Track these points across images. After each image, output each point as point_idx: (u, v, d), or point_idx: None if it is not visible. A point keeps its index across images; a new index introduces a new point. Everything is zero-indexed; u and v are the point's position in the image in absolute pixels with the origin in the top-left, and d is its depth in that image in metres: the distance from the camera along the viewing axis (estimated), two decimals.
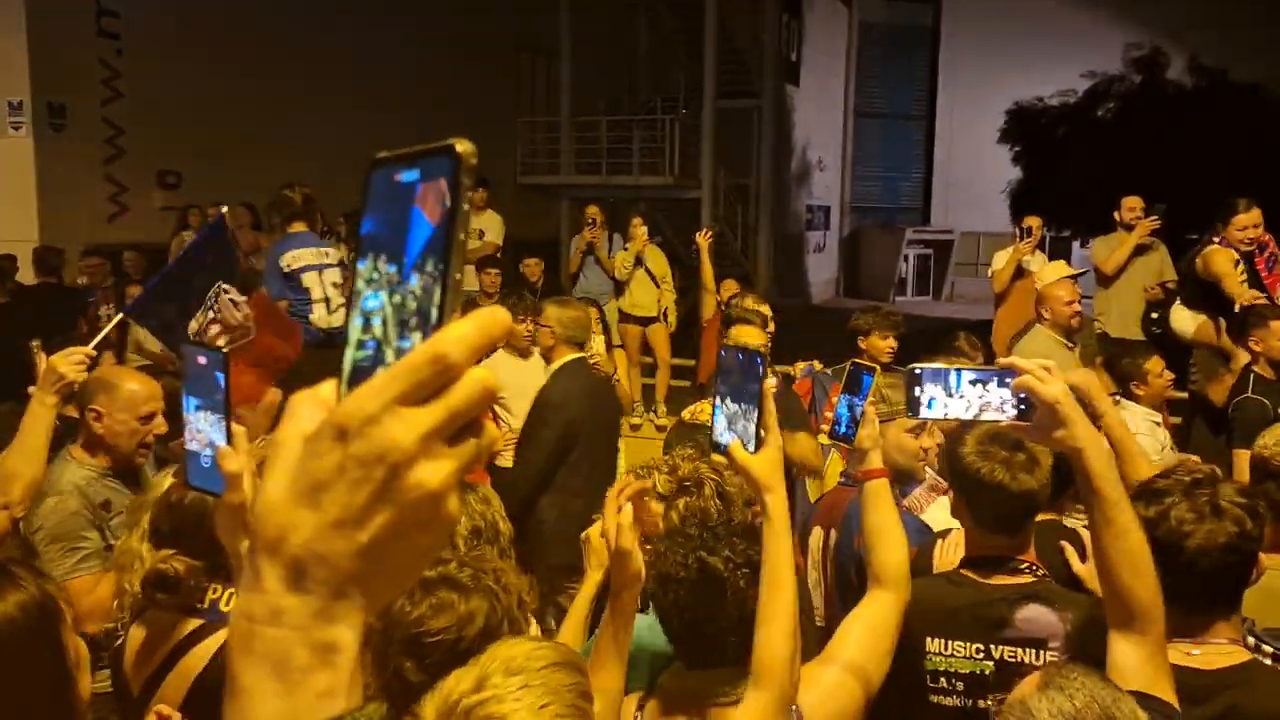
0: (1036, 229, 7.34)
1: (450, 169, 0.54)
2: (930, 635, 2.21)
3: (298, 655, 0.53)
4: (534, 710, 1.29)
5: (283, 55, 12.53)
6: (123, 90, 11.27)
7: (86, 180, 11.07)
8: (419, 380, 0.52)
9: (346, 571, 0.53)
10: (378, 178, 0.57)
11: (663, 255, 9.23)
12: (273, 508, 0.53)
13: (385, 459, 0.51)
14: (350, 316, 0.56)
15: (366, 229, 0.57)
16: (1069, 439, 1.60)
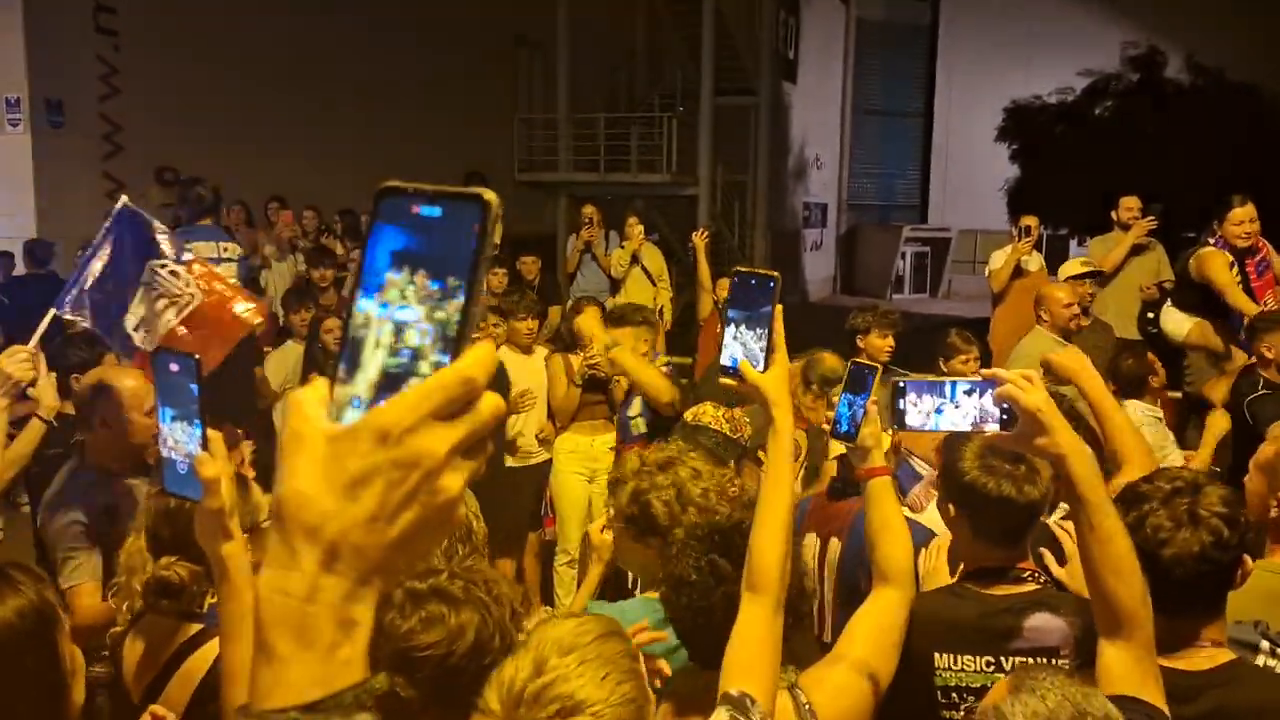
0: (1035, 228, 7.35)
1: (480, 215, 0.61)
2: (938, 651, 2.16)
3: (327, 629, 0.60)
4: (597, 683, 1.35)
5: (280, 52, 12.52)
6: (120, 87, 11.27)
7: (84, 177, 11.06)
8: (451, 399, 0.60)
9: (373, 560, 0.60)
10: (391, 205, 0.62)
11: (659, 253, 9.24)
12: (311, 497, 0.60)
13: (420, 465, 0.60)
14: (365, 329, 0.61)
15: (386, 252, 0.62)
16: (1051, 446, 1.64)
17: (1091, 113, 19.60)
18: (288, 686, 0.60)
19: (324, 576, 0.60)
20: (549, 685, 1.34)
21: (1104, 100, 19.62)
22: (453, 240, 0.61)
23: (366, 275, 0.62)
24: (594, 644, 1.41)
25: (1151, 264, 7.10)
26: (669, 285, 9.18)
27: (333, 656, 0.60)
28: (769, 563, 1.79)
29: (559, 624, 1.48)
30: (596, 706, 1.34)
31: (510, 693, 1.36)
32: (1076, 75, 19.88)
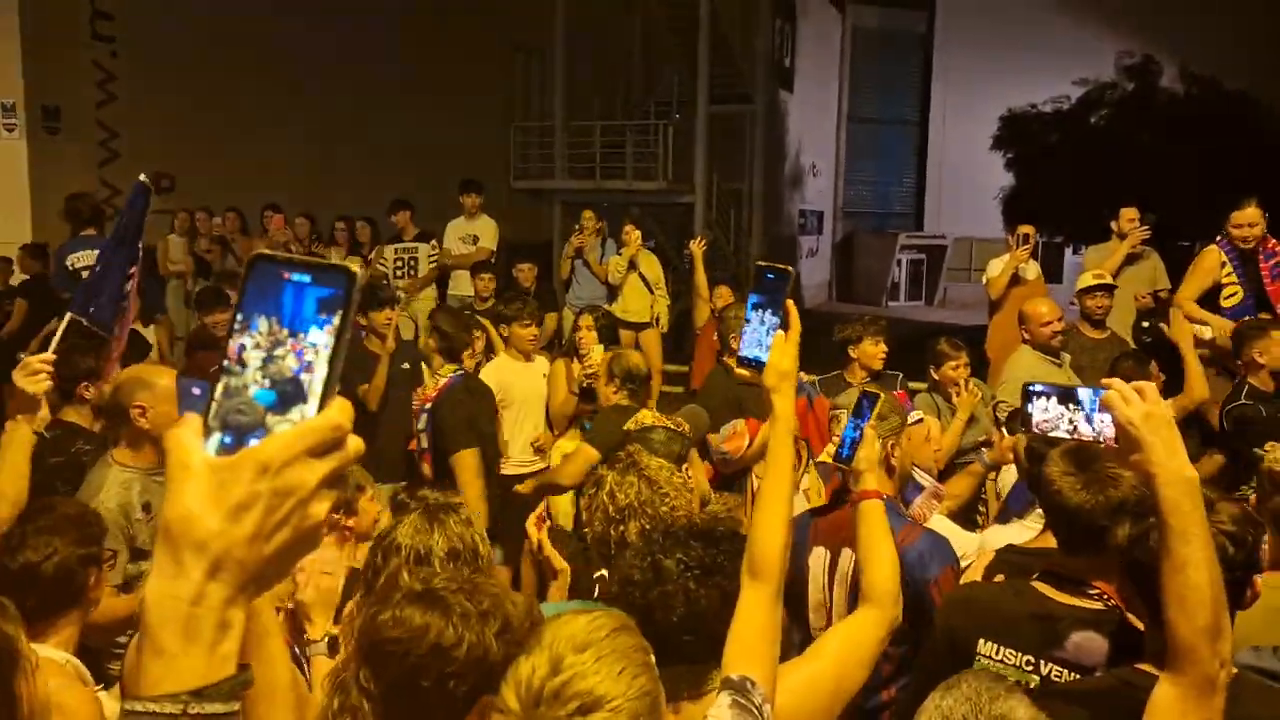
0: (1033, 236, 7.35)
1: (346, 284, 0.71)
2: (984, 638, 2.20)
3: (209, 629, 0.70)
4: (614, 677, 1.37)
5: (276, 59, 12.53)
6: (117, 93, 11.26)
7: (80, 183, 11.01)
8: (323, 440, 0.72)
9: (251, 572, 0.71)
10: (264, 269, 0.72)
11: (656, 260, 9.24)
12: (200, 518, 0.70)
13: (295, 494, 0.71)
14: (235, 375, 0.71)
15: (259, 308, 0.72)
16: (1143, 463, 1.62)
17: (1087, 121, 19.69)
18: (176, 676, 0.70)
19: (209, 584, 0.70)
20: (568, 683, 1.36)
21: (1099, 109, 19.71)
22: (320, 304, 0.71)
23: (241, 332, 0.72)
24: (608, 639, 1.43)
25: (1147, 273, 7.10)
26: (666, 293, 9.18)
27: (215, 652, 0.71)
28: (770, 550, 1.81)
29: (571, 621, 1.49)
30: (615, 701, 1.36)
31: (528, 691, 1.37)
32: (1072, 84, 19.98)
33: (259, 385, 0.71)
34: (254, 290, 0.72)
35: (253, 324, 0.72)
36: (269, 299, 0.72)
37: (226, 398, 0.71)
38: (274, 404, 0.71)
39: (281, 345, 0.71)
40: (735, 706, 1.65)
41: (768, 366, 1.86)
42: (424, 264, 9.25)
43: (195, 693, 0.69)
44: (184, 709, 0.69)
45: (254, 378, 0.71)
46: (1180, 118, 18.09)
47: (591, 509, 2.48)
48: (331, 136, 13.28)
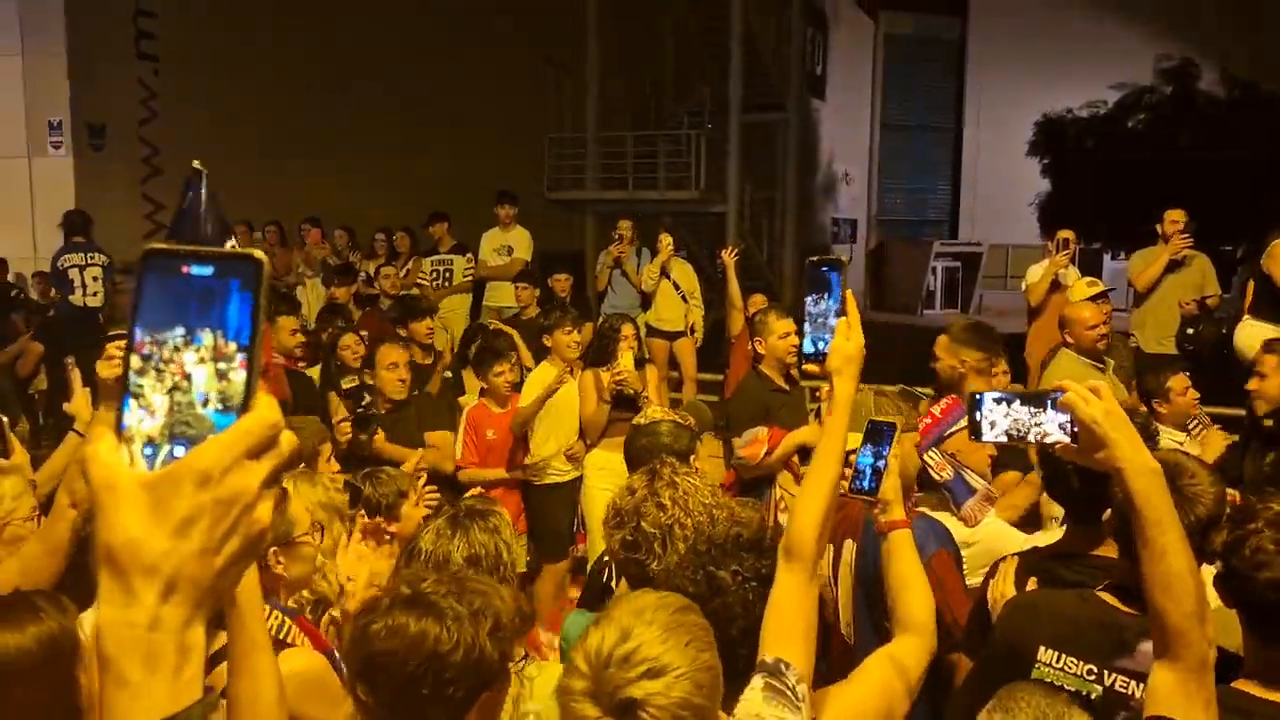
0: (1073, 241, 7.27)
1: (254, 274, 0.67)
2: (1045, 645, 2.15)
3: (170, 654, 0.66)
4: (681, 649, 1.44)
5: (315, 76, 12.71)
6: (159, 110, 11.47)
7: (124, 198, 11.26)
8: (258, 440, 0.68)
9: (205, 588, 0.67)
10: (158, 264, 0.67)
11: (690, 269, 9.24)
12: (142, 539, 0.65)
13: (239, 500, 0.67)
14: (145, 380, 0.66)
15: (160, 308, 0.66)
16: (1109, 459, 1.63)
17: (1124, 126, 19.47)
18: (143, 709, 0.66)
19: (164, 607, 0.66)
20: (636, 650, 1.42)
21: (1137, 113, 19.48)
22: (229, 296, 0.66)
23: (143, 330, 0.66)
24: (676, 614, 1.50)
25: (1194, 278, 6.96)
26: (700, 302, 9.18)
27: (179, 677, 0.67)
28: (807, 531, 1.82)
29: (639, 597, 1.57)
30: (681, 669, 1.42)
31: (598, 656, 1.44)
32: (1108, 88, 19.76)
33: (175, 392, 0.66)
34: (153, 288, 0.66)
35: (156, 321, 0.66)
36: (172, 298, 0.66)
37: (138, 408, 0.66)
38: (192, 408, 0.66)
39: (193, 346, 0.66)
40: (769, 689, 1.67)
41: (832, 350, 1.88)
42: (459, 276, 9.33)
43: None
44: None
45: (168, 384, 0.66)
46: (1220, 121, 17.83)
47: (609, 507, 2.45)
48: (369, 150, 13.44)
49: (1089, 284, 5.97)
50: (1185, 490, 2.08)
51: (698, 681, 1.44)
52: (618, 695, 1.41)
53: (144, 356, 0.66)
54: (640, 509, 2.28)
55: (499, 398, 5.56)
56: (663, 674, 1.42)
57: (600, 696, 1.42)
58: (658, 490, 2.30)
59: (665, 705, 1.40)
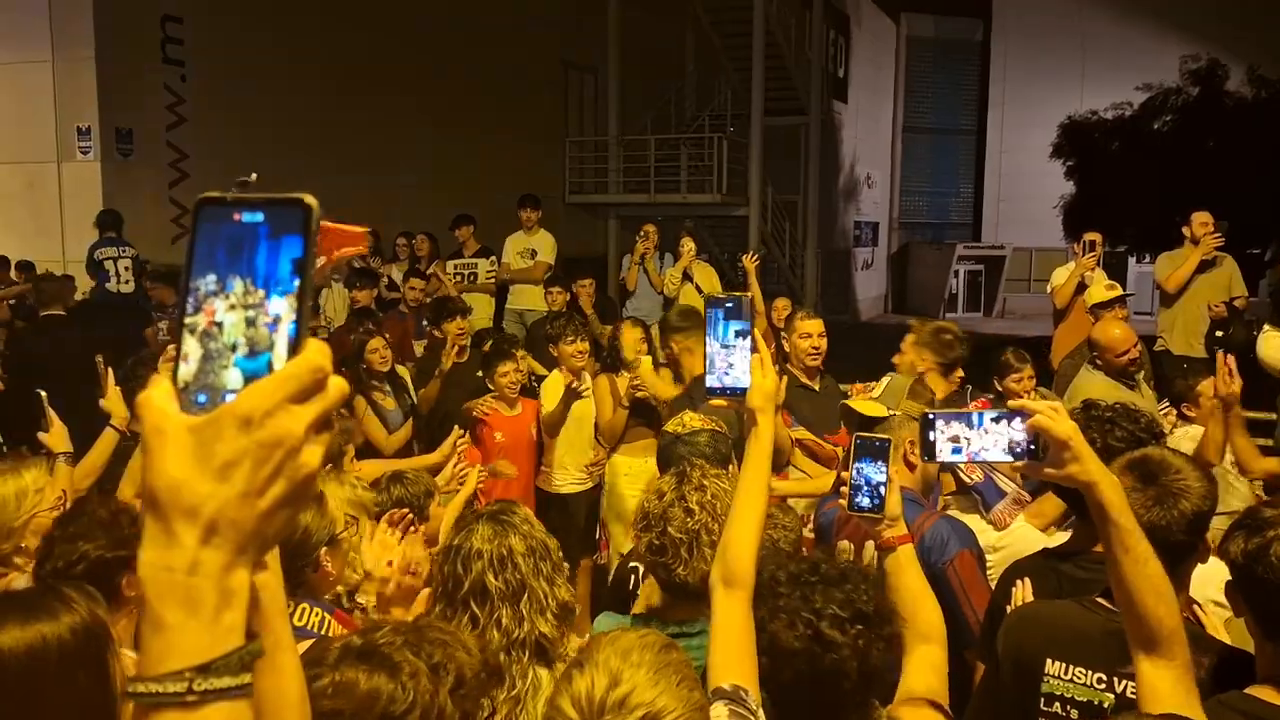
0: (1099, 244, 7.23)
1: (303, 216, 0.67)
2: (1051, 657, 2.13)
3: (210, 598, 0.66)
4: (673, 690, 1.42)
5: (340, 81, 12.79)
6: (186, 115, 11.58)
7: (151, 202, 11.36)
8: (303, 385, 0.67)
9: (248, 532, 0.67)
10: (212, 212, 0.67)
11: (713, 272, 9.23)
12: (185, 481, 0.65)
13: (283, 444, 0.66)
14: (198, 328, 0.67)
15: (213, 253, 0.67)
16: (1082, 474, 1.66)
17: (1150, 128, 19.27)
18: (180, 652, 0.65)
19: (203, 551, 0.65)
20: (629, 694, 1.40)
21: (1163, 115, 19.28)
22: (280, 241, 0.66)
23: (196, 280, 0.67)
24: (661, 654, 1.48)
25: (1223, 280, 6.89)
26: None
27: (218, 623, 0.66)
28: (744, 559, 1.86)
29: (621, 637, 1.53)
30: (677, 711, 1.41)
31: (589, 702, 1.40)
32: (1134, 90, 19.58)
33: (227, 339, 0.66)
34: (206, 237, 0.67)
35: (210, 275, 0.67)
36: (223, 246, 0.67)
37: (192, 356, 0.67)
38: (245, 357, 0.66)
39: (244, 293, 0.66)
40: (734, 716, 1.67)
41: (752, 390, 1.90)
42: (483, 279, 9.39)
43: (201, 668, 0.65)
44: (189, 686, 0.65)
45: (220, 331, 0.67)
46: (1248, 122, 17.64)
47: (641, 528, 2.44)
48: (393, 154, 13.51)
49: (1108, 287, 5.93)
50: (1170, 486, 2.07)
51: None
52: None
53: (198, 305, 0.67)
54: (667, 514, 2.27)
55: (506, 399, 5.58)
56: (660, 718, 1.40)
57: None
58: (686, 495, 2.29)
59: None
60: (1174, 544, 2.01)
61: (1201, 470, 2.10)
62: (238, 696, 0.67)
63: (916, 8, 28.81)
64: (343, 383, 0.69)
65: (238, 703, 0.67)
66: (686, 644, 2.08)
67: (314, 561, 2.32)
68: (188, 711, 0.65)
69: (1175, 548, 2.01)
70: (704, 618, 2.15)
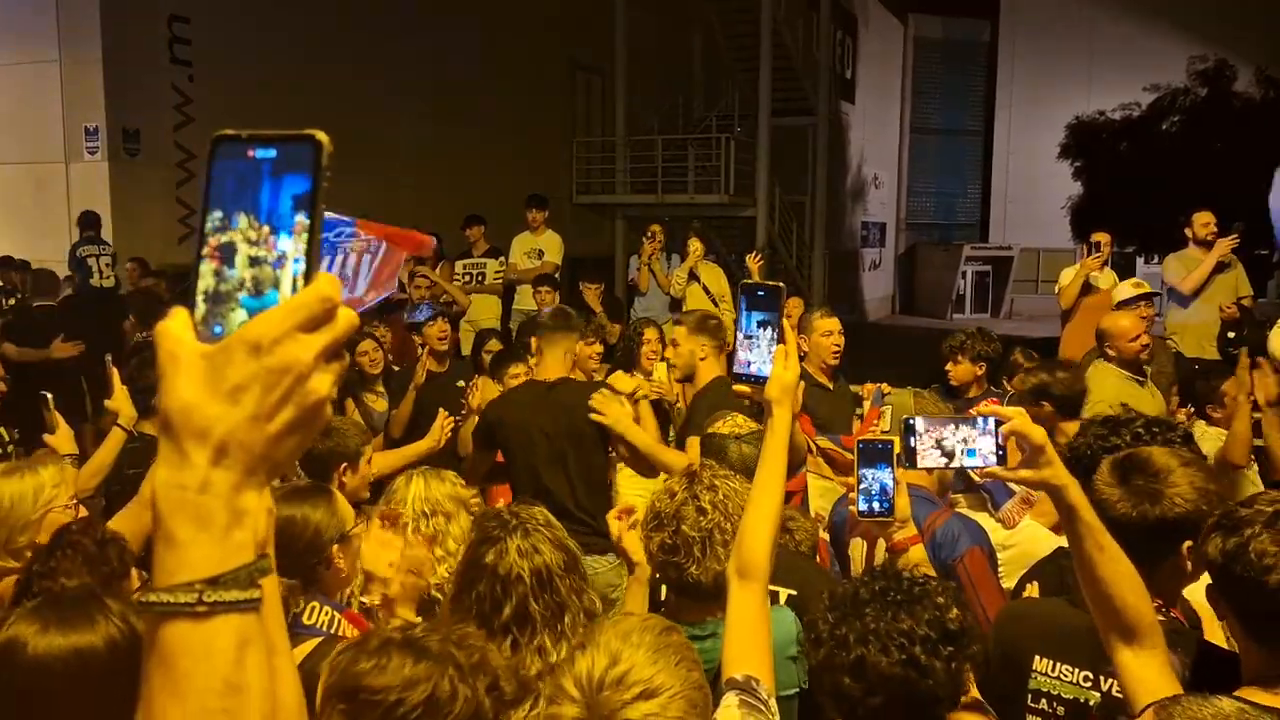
0: (1106, 245, 7.19)
1: (313, 153, 0.69)
2: (1039, 654, 2.15)
3: (220, 516, 0.69)
4: (671, 669, 1.46)
5: (346, 81, 12.81)
6: (194, 115, 11.60)
7: (158, 202, 11.39)
8: (312, 314, 0.69)
9: (257, 454, 0.69)
10: (227, 149, 0.69)
11: (721, 273, 9.22)
12: (196, 404, 0.68)
13: (291, 370, 0.68)
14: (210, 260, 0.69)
15: (227, 190, 0.69)
16: (1053, 477, 1.72)
17: (1158, 128, 19.22)
18: (190, 565, 0.68)
19: (214, 471, 0.68)
20: (628, 672, 1.43)
21: (1171, 116, 19.24)
22: (291, 178, 0.69)
23: (211, 215, 0.69)
24: (661, 636, 1.52)
25: (1231, 282, 6.87)
26: (731, 305, 9.15)
27: (228, 539, 0.69)
28: (759, 552, 1.89)
29: (622, 622, 1.58)
30: (674, 688, 1.44)
31: (590, 681, 1.44)
32: (1142, 90, 19.53)
33: (234, 275, 0.69)
34: (221, 172, 0.69)
35: (224, 206, 0.69)
36: (237, 180, 0.69)
37: (210, 288, 0.69)
38: (251, 295, 0.69)
39: (249, 229, 0.68)
40: (744, 705, 1.69)
41: (771, 380, 1.92)
42: (490, 279, 9.38)
43: (210, 580, 0.68)
44: (199, 597, 0.67)
45: (228, 268, 0.69)
46: (1256, 122, 17.58)
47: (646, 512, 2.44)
48: (400, 154, 13.53)
49: (1134, 284, 5.93)
50: (1146, 486, 2.04)
51: (691, 700, 1.47)
52: (614, 718, 1.42)
53: (210, 238, 0.69)
54: (680, 512, 2.26)
55: None
56: (657, 694, 1.43)
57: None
58: (698, 494, 2.28)
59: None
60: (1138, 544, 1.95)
61: (1205, 481, 2.05)
62: (246, 609, 0.69)
63: (924, 9, 28.77)
64: (352, 314, 0.71)
65: (246, 615, 0.69)
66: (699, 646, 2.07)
67: (326, 559, 2.32)
68: (198, 622, 0.68)
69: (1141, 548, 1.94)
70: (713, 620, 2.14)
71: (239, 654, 0.69)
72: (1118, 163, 19.13)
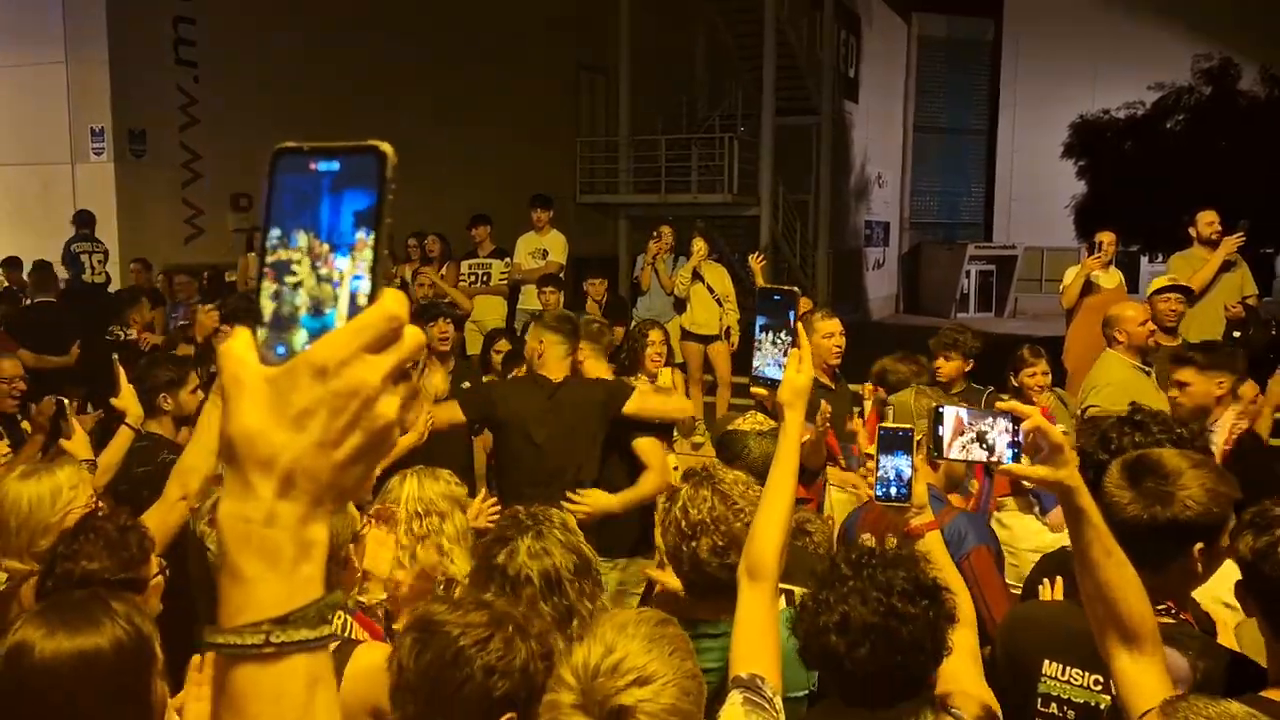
0: (1107, 244, 7.18)
1: (377, 166, 0.67)
2: (1048, 658, 2.14)
3: (288, 550, 0.65)
4: (665, 658, 1.51)
5: (349, 80, 12.83)
6: (199, 116, 11.63)
7: (164, 204, 11.43)
8: (379, 334, 0.65)
9: (324, 483, 0.66)
10: (288, 162, 0.67)
11: (725, 272, 9.23)
12: (262, 433, 0.64)
13: (358, 394, 0.65)
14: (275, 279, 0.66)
15: (286, 206, 0.67)
16: (1069, 478, 1.71)
17: (1162, 127, 19.18)
18: (258, 604, 0.65)
19: (280, 503, 0.65)
20: (622, 660, 1.48)
21: (1175, 114, 19.20)
22: (352, 193, 0.66)
23: (271, 233, 0.67)
24: (656, 628, 1.56)
25: (1235, 281, 6.86)
26: (735, 305, 9.16)
27: (295, 574, 0.66)
28: (768, 553, 1.93)
29: (620, 614, 1.65)
30: (667, 676, 1.49)
31: (586, 668, 1.49)
32: (1146, 89, 19.49)
33: (293, 295, 0.66)
34: (281, 187, 0.67)
35: (287, 222, 0.66)
36: (297, 196, 0.66)
37: (270, 308, 0.67)
38: (310, 314, 0.66)
39: (309, 248, 0.66)
40: (748, 703, 1.73)
41: (784, 383, 1.97)
42: (496, 280, 9.39)
43: (278, 620, 0.65)
44: (266, 638, 0.65)
45: (286, 287, 0.66)
46: (1261, 121, 17.55)
47: (665, 523, 2.48)
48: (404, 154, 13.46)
49: (1169, 278, 6.01)
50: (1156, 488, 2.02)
51: (684, 688, 1.51)
52: (608, 703, 1.46)
53: (269, 256, 0.67)
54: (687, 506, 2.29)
55: None
56: (650, 681, 1.48)
57: (590, 706, 1.47)
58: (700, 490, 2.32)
59: (655, 711, 1.46)
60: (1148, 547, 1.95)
61: (1210, 482, 2.03)
62: (315, 649, 0.67)
63: (928, 7, 28.73)
64: (419, 333, 0.68)
65: (316, 655, 0.67)
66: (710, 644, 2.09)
67: (343, 559, 2.33)
68: (266, 664, 0.65)
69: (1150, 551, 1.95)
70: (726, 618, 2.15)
71: (309, 695, 0.66)
72: (1122, 162, 19.09)
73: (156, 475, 3.90)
